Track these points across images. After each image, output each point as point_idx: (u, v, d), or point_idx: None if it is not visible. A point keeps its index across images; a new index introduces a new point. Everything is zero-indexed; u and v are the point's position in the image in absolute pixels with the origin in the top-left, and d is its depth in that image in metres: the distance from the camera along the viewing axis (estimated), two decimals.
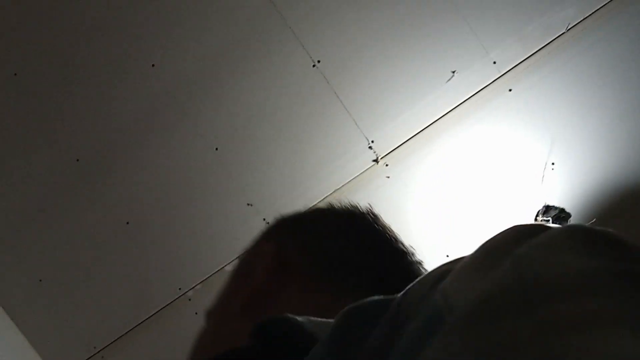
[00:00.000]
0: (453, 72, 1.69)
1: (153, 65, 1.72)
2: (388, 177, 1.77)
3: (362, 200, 1.86)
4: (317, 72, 1.71)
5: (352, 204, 0.58)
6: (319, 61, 1.70)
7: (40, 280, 1.86)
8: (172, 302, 1.86)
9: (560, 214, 1.73)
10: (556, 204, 1.73)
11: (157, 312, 1.87)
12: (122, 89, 1.74)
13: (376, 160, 1.76)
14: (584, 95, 1.66)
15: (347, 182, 1.78)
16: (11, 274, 1.86)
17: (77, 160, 1.79)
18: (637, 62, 1.63)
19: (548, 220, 1.72)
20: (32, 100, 1.76)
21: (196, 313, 1.87)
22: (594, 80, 1.66)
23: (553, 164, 1.70)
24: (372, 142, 1.75)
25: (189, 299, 1.86)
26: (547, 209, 1.73)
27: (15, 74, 1.72)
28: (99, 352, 1.89)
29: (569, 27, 1.65)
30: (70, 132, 1.78)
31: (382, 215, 1.76)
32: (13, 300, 1.87)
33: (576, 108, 1.67)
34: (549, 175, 1.71)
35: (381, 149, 1.76)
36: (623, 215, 1.70)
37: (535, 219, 1.74)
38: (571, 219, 1.72)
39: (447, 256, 1.78)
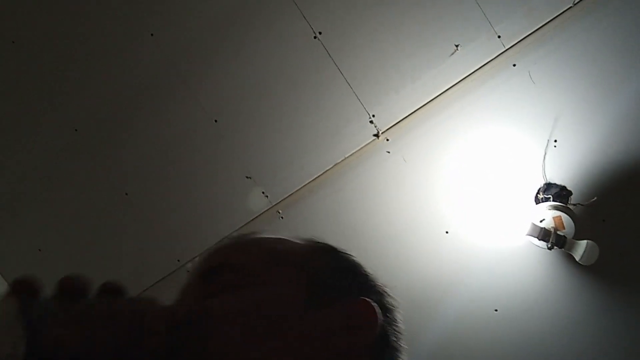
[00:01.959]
0: (457, 45, 1.66)
1: (152, 34, 1.70)
2: (388, 152, 1.75)
3: (362, 174, 1.86)
4: (318, 43, 1.68)
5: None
6: (320, 33, 1.67)
7: (40, 250, 1.87)
8: (170, 273, 1.87)
9: (562, 192, 1.71)
10: (558, 182, 1.71)
11: (155, 283, 1.88)
12: (121, 59, 1.72)
13: (377, 135, 1.75)
14: (589, 72, 1.63)
15: (347, 157, 1.77)
16: (11, 243, 1.87)
17: (76, 130, 1.78)
18: None
19: (549, 198, 1.71)
20: (31, 69, 1.75)
21: None
22: (600, 56, 1.62)
23: (556, 141, 1.68)
24: (373, 116, 1.73)
25: (188, 271, 1.87)
26: (548, 187, 1.71)
27: (13, 42, 1.70)
28: None
29: (576, 1, 1.61)
30: (69, 102, 1.76)
31: (382, 190, 1.74)
32: (12, 268, 1.88)
33: (581, 85, 1.65)
34: (551, 153, 1.69)
35: (382, 124, 1.74)
36: (624, 193, 1.69)
37: (536, 197, 1.73)
38: (572, 197, 1.71)
39: (447, 232, 1.77)
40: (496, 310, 1.80)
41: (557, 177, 1.71)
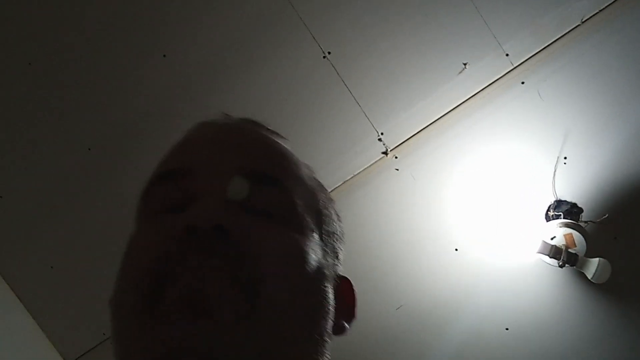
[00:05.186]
0: (465, 64, 1.68)
1: (164, 55, 1.72)
2: (397, 169, 1.76)
3: (370, 192, 1.86)
4: (327, 63, 1.70)
5: None
6: (329, 52, 1.69)
7: (52, 267, 1.89)
8: None
9: (572, 209, 1.71)
10: (568, 199, 1.71)
11: None
12: (133, 80, 1.75)
13: (385, 153, 1.76)
14: (598, 89, 1.64)
15: (356, 174, 1.77)
16: (23, 261, 1.89)
17: (89, 149, 1.80)
18: None
19: (560, 215, 1.70)
20: (46, 89, 1.78)
21: None
22: (608, 74, 1.63)
23: (565, 158, 1.68)
24: (382, 134, 1.74)
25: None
26: (558, 204, 1.71)
27: (29, 64, 1.74)
28: (108, 338, 1.91)
29: (584, 20, 1.62)
30: (82, 122, 1.79)
31: (391, 208, 1.73)
32: (25, 286, 1.90)
33: (590, 102, 1.65)
34: (561, 170, 1.69)
35: (391, 141, 1.75)
36: (636, 211, 1.68)
37: (547, 214, 1.72)
38: (583, 214, 1.70)
39: (456, 250, 1.77)
40: (507, 329, 1.79)
41: (568, 194, 1.70)
